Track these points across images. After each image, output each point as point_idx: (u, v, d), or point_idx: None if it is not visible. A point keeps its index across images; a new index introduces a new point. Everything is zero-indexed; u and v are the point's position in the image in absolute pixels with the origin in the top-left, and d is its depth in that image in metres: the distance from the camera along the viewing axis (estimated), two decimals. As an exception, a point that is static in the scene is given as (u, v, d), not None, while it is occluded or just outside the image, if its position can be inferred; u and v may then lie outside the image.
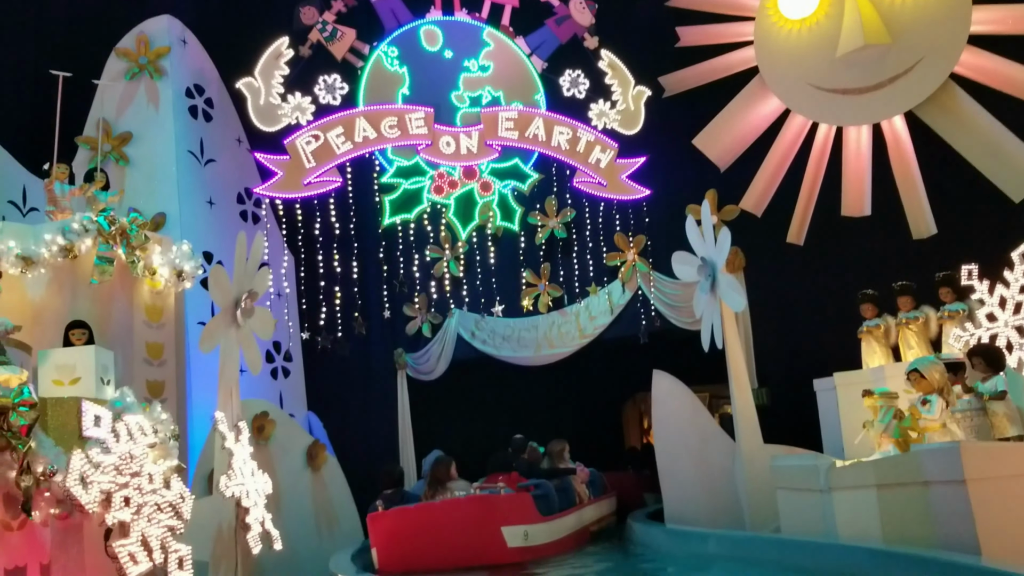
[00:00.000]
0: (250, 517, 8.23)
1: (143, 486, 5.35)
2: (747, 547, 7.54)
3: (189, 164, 12.19)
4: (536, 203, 13.36)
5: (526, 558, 8.65)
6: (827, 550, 6.44)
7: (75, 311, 9.20)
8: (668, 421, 10.37)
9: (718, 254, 9.45)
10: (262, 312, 9.25)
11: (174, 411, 9.96)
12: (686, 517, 9.73)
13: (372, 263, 12.72)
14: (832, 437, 10.25)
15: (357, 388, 13.97)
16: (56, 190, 9.97)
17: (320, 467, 11.37)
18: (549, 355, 13.26)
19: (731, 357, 9.54)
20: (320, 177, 10.75)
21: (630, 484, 14.07)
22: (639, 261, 12.61)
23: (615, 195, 12.25)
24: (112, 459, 5.18)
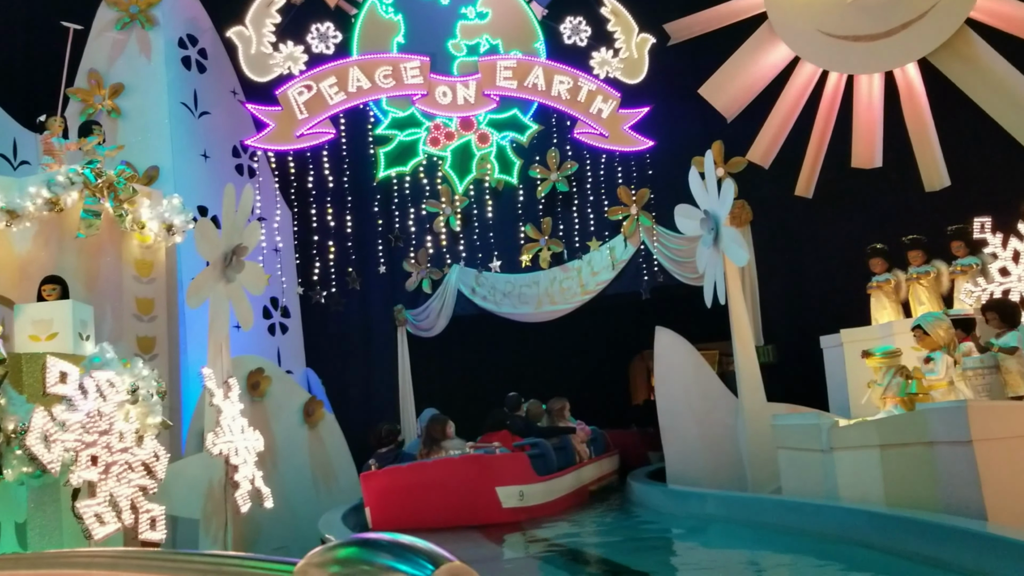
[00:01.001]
0: (239, 475, 8.08)
1: (112, 444, 5.16)
2: (746, 508, 7.34)
3: (182, 116, 11.92)
4: (535, 155, 13.03)
5: (521, 518, 8.49)
6: (827, 512, 6.23)
7: (61, 265, 9.01)
8: (670, 378, 10.18)
9: (721, 207, 9.14)
10: (252, 267, 9.03)
11: (166, 367, 9.82)
12: (688, 476, 9.57)
13: (367, 217, 12.47)
14: (838, 396, 10.02)
15: (357, 345, 13.82)
16: (54, 143, 9.71)
17: (317, 424, 11.26)
18: (550, 311, 13.03)
19: (734, 313, 9.28)
20: (313, 129, 10.45)
21: (634, 442, 13.92)
22: (642, 215, 12.31)
23: (617, 146, 11.89)
24: (79, 417, 4.98)
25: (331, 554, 0.77)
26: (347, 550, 0.77)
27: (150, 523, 5.24)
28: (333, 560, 0.76)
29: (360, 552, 0.75)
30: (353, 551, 0.76)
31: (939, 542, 4.93)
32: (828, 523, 6.06)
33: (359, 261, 12.62)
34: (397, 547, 0.75)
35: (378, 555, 0.74)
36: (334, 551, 0.77)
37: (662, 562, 6.19)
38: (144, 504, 5.27)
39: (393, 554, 0.74)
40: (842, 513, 6.06)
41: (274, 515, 10.03)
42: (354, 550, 0.76)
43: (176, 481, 8.94)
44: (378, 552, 0.75)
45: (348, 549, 0.77)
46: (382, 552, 0.75)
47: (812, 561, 5.65)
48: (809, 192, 11.73)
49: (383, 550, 0.75)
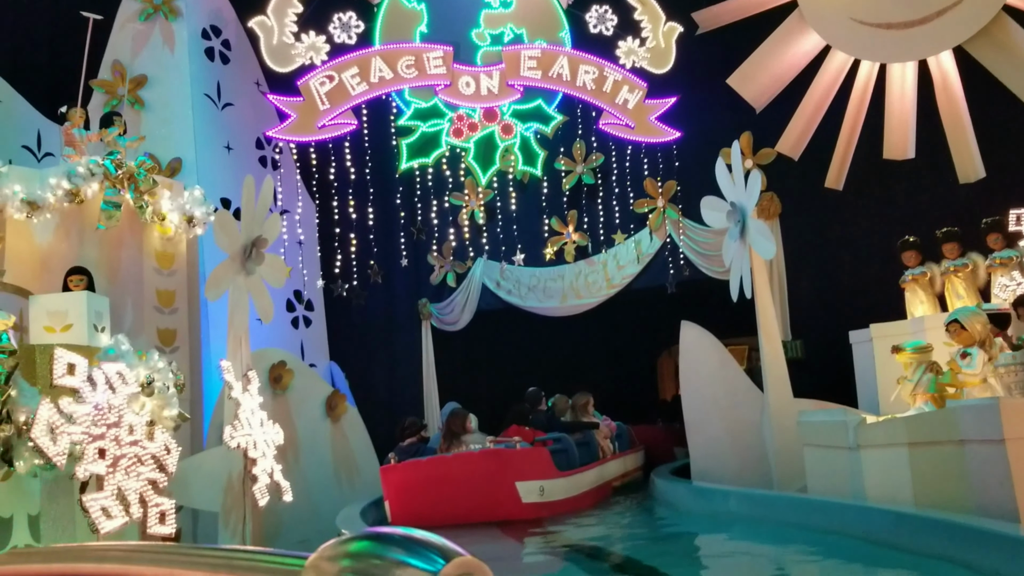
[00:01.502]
0: (257, 468, 8.03)
1: (121, 437, 5.10)
2: (769, 507, 7.15)
3: (206, 108, 11.91)
4: (560, 146, 12.85)
5: (542, 514, 8.36)
6: (852, 512, 6.03)
7: (82, 257, 9.02)
8: (695, 373, 10.03)
9: (748, 199, 8.95)
10: (273, 259, 8.96)
11: (187, 360, 9.81)
12: (713, 473, 9.40)
13: (389, 209, 12.37)
14: (868, 392, 9.79)
15: (381, 339, 13.77)
16: (75, 135, 9.72)
17: (339, 417, 11.21)
18: (576, 305, 12.89)
19: (760, 307, 9.08)
20: (335, 120, 10.35)
21: (660, 438, 13.76)
22: (669, 208, 12.11)
23: (643, 137, 11.67)
24: (86, 409, 4.92)
25: (343, 548, 0.77)
26: (359, 544, 0.76)
27: (159, 517, 5.18)
28: (344, 554, 0.75)
29: (372, 546, 0.75)
30: (365, 545, 0.75)
31: (969, 545, 4.73)
32: (854, 523, 5.87)
33: (381, 254, 12.53)
34: (409, 541, 0.75)
35: (390, 549, 0.74)
36: (346, 545, 0.77)
37: (684, 562, 6.02)
38: (153, 498, 5.21)
39: (405, 548, 0.74)
40: (868, 513, 5.86)
41: (296, 509, 9.98)
42: (366, 544, 0.76)
43: (195, 474, 8.93)
44: (390, 546, 0.74)
45: (360, 543, 0.76)
46: (394, 546, 0.75)
47: (836, 563, 5.47)
48: (840, 184, 11.46)
49: (395, 544, 0.75)
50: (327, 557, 0.75)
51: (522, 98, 11.89)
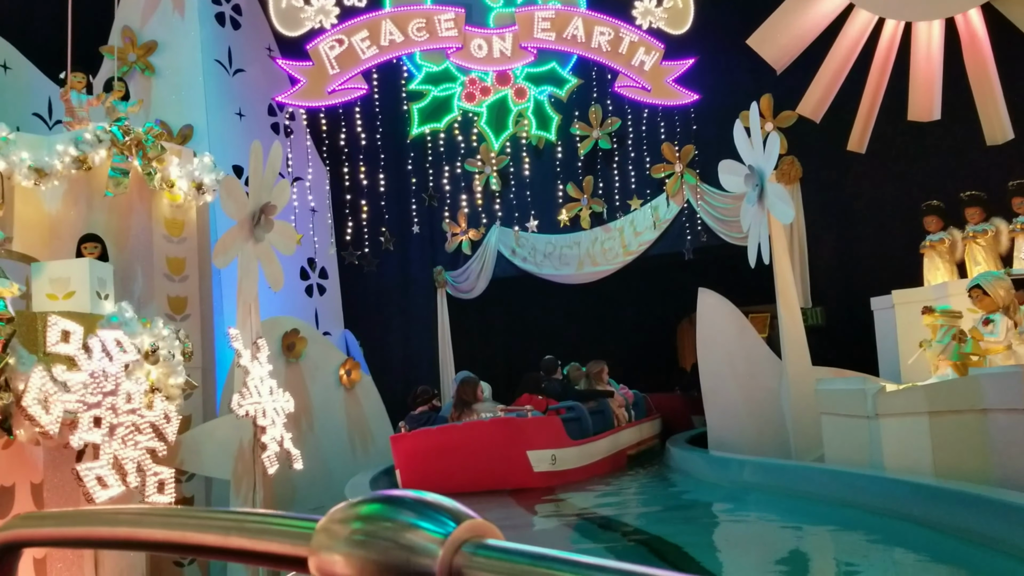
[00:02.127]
0: (266, 436, 7.97)
1: (118, 406, 5.01)
2: (785, 476, 7.00)
3: (217, 74, 11.77)
4: (574, 110, 12.59)
5: (553, 483, 8.27)
6: (870, 482, 5.86)
7: (91, 224, 8.93)
8: (713, 341, 9.88)
9: (766, 162, 8.73)
10: (283, 226, 8.87)
11: (198, 328, 9.74)
12: (730, 442, 9.27)
13: (401, 175, 12.19)
14: (889, 360, 9.58)
15: (396, 307, 13.68)
16: (73, 99, 9.61)
17: (353, 385, 11.17)
18: (592, 273, 12.71)
19: (779, 273, 8.89)
20: (345, 84, 10.15)
21: (678, 406, 13.64)
22: (687, 172, 11.87)
23: (660, 100, 11.38)
24: (82, 377, 4.83)
25: (354, 510, 0.77)
26: (370, 506, 0.76)
27: (158, 486, 5.10)
28: (355, 516, 0.76)
29: (383, 508, 0.74)
30: (376, 507, 0.75)
31: (991, 517, 4.56)
32: (872, 494, 5.71)
33: (394, 221, 12.38)
34: (420, 504, 0.75)
35: (401, 512, 0.74)
36: (357, 507, 0.77)
37: (695, 533, 5.89)
38: (151, 467, 5.13)
39: (415, 511, 0.74)
40: (887, 484, 5.70)
41: (310, 477, 9.99)
42: (377, 506, 0.75)
43: (207, 442, 8.91)
44: (401, 509, 0.74)
45: (371, 506, 0.76)
46: (405, 509, 0.74)
47: (852, 536, 5.32)
48: (862, 147, 11.15)
49: (406, 507, 0.75)
50: (338, 519, 0.77)
51: (536, 61, 11.57)
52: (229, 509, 1.05)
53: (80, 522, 1.12)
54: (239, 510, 1.07)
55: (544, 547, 0.64)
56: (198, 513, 0.96)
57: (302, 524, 0.81)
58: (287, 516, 0.87)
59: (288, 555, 0.80)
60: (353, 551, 0.71)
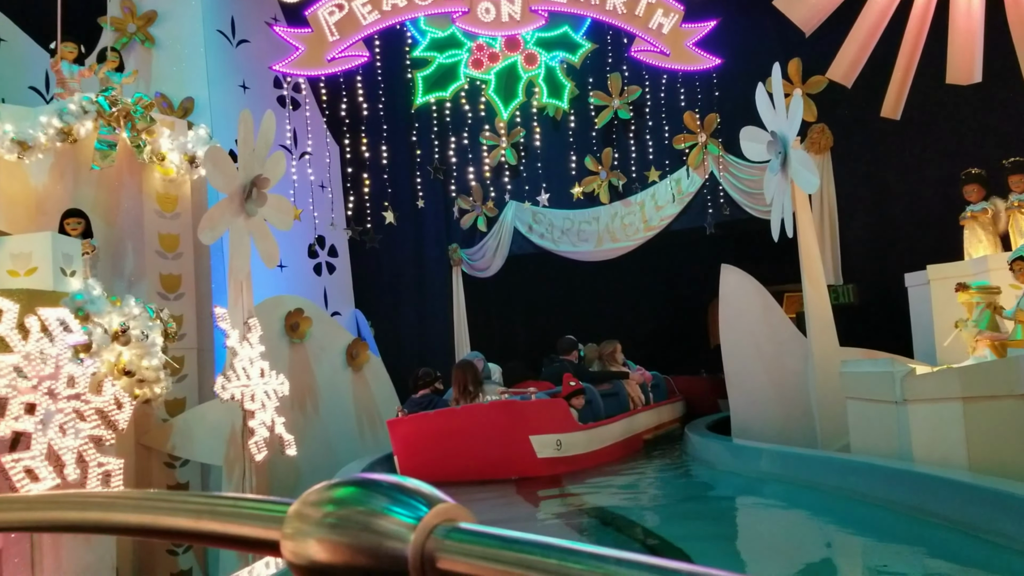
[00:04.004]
0: (254, 421, 7.57)
1: (58, 390, 4.58)
2: (803, 467, 6.39)
3: (219, 45, 11.34)
4: (588, 77, 11.92)
5: (559, 470, 7.75)
6: (900, 478, 5.23)
7: (78, 199, 8.58)
8: (736, 320, 9.31)
9: (790, 127, 8.10)
10: (278, 200, 8.44)
11: (192, 307, 9.38)
12: (754, 428, 8.71)
13: (405, 147, 11.66)
14: (924, 340, 8.93)
15: (410, 286, 13.24)
16: (64, 70, 9.22)
17: (361, 367, 10.76)
18: (611, 249, 12.15)
19: (803, 245, 8.27)
20: (345, 52, 9.66)
21: (703, 389, 13.05)
22: (710, 143, 11.23)
23: (680, 65, 10.72)
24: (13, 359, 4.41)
25: (327, 494, 0.71)
26: (345, 490, 0.69)
27: (103, 478, 4.67)
28: (329, 499, 0.70)
29: (358, 492, 0.68)
30: (351, 491, 0.69)
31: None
32: (901, 491, 5.09)
33: (397, 195, 11.87)
34: (394, 488, 0.68)
35: (375, 498, 0.68)
36: (332, 490, 0.71)
37: (702, 533, 5.31)
38: (95, 457, 4.69)
39: (389, 496, 0.68)
40: (918, 480, 5.07)
41: (315, 462, 9.61)
42: (352, 490, 0.69)
43: (199, 426, 8.56)
44: (375, 495, 0.68)
45: (346, 489, 0.69)
46: (380, 495, 0.68)
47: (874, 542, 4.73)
48: (897, 113, 10.40)
49: (381, 492, 0.68)
50: (311, 502, 0.71)
51: (547, 24, 10.92)
52: (201, 493, 1.03)
53: (49, 507, 1.12)
54: (211, 494, 0.96)
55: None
56: (169, 497, 0.94)
57: (274, 508, 0.79)
58: (260, 499, 0.84)
59: (260, 539, 0.80)
60: (325, 535, 0.69)
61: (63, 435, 4.50)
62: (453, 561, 0.66)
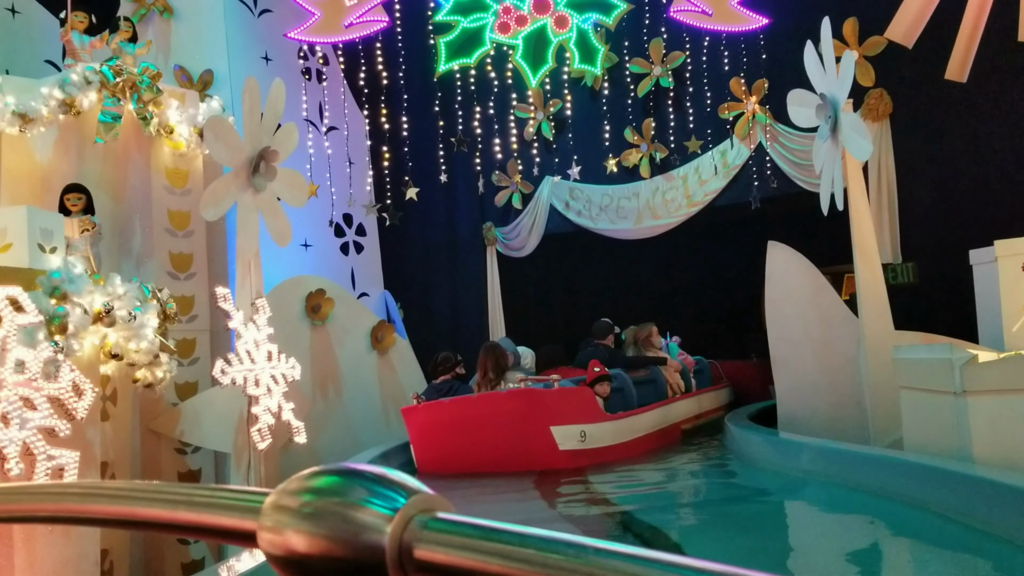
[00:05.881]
0: (258, 407, 7.12)
1: (3, 377, 4.13)
2: (848, 465, 5.69)
3: (240, 15, 10.91)
4: (623, 40, 11.12)
5: (583, 463, 7.17)
6: (959, 483, 4.50)
7: (83, 174, 8.21)
8: (783, 301, 8.68)
9: (840, 88, 7.36)
10: (289, 175, 7.97)
11: (205, 287, 8.99)
12: (802, 418, 8.06)
13: (425, 118, 11.06)
14: (991, 324, 8.10)
15: (442, 266, 12.72)
16: (75, 41, 8.85)
17: (387, 350, 10.31)
18: (652, 227, 11.46)
19: (855, 219, 7.54)
20: (363, 17, 9.12)
21: (752, 375, 12.32)
22: (759, 111, 10.45)
23: (723, 26, 9.92)
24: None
25: (308, 482, 0.72)
26: (325, 479, 0.71)
27: (52, 473, 4.22)
28: (307, 489, 0.71)
29: (338, 483, 0.70)
30: (331, 481, 0.70)
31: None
32: (957, 497, 4.40)
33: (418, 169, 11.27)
34: (372, 478, 0.70)
35: (353, 490, 0.69)
36: (312, 479, 0.72)
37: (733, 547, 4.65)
38: (45, 450, 4.24)
39: (367, 486, 0.69)
40: (975, 485, 4.38)
41: (339, 447, 9.24)
42: (333, 480, 0.70)
43: (207, 411, 8.17)
44: (352, 483, 0.70)
45: (327, 479, 0.71)
46: (359, 486, 0.69)
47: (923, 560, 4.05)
48: (963, 76, 9.47)
49: (361, 484, 0.70)
50: (290, 491, 0.73)
51: (579, -17, 10.28)
52: (179, 484, 1.08)
53: (24, 498, 1.12)
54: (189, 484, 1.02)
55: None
56: (146, 487, 0.93)
57: (252, 498, 0.78)
58: (237, 490, 0.83)
59: (237, 529, 0.79)
60: (301, 526, 0.69)
61: (5, 426, 4.06)
62: (430, 551, 0.65)
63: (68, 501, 1.01)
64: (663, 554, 0.58)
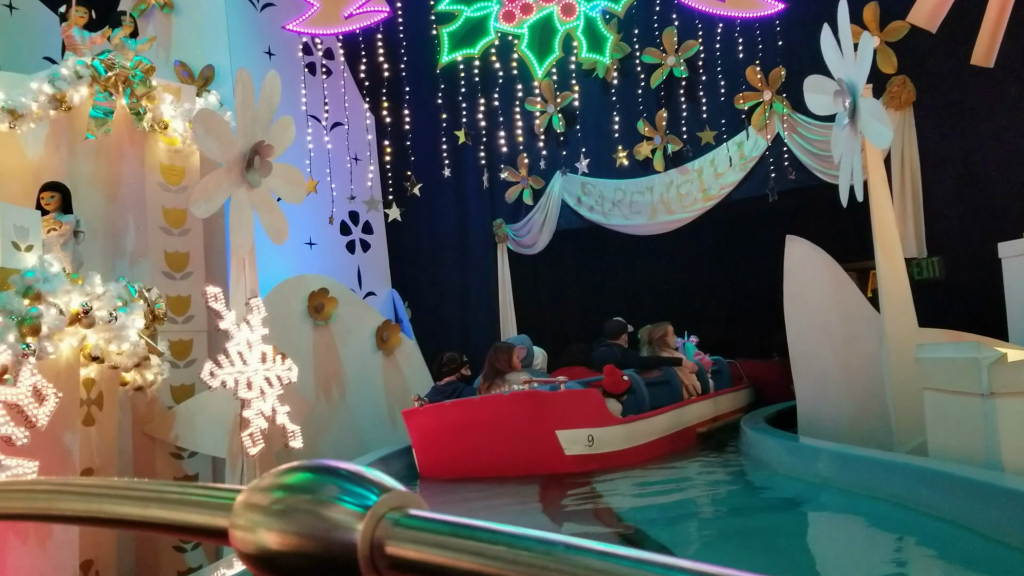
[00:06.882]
0: (250, 411, 6.85)
1: (-49, 381, 3.88)
2: (867, 472, 5.31)
3: (242, 9, 10.69)
4: (633, 28, 10.75)
5: (590, 468, 6.84)
6: (990, 494, 4.13)
7: (75, 171, 7.99)
8: (803, 299, 8.28)
9: (858, 73, 6.98)
10: (286, 170, 7.69)
11: (202, 287, 8.74)
12: (824, 420, 7.69)
13: (427, 111, 10.74)
14: (1021, 319, 7.74)
15: (451, 264, 12.43)
16: (76, 36, 8.64)
17: (393, 350, 10.03)
18: (666, 222, 11.11)
19: (876, 211, 7.17)
20: (363, 7, 8.83)
21: (775, 374, 11.92)
22: (776, 100, 10.07)
23: (737, 11, 9.53)
24: None
25: (279, 479, 0.71)
26: (299, 476, 0.70)
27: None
28: (279, 485, 0.70)
29: (311, 479, 0.69)
30: (304, 477, 0.70)
31: None
32: (984, 509, 4.03)
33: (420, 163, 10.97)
34: (345, 475, 0.69)
35: (324, 485, 0.68)
36: (285, 476, 0.71)
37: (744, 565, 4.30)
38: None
39: (339, 483, 0.68)
40: (1005, 496, 4.00)
41: (342, 449, 8.99)
42: (300, 477, 0.70)
43: (201, 415, 7.91)
44: (324, 482, 0.69)
45: (300, 475, 0.70)
46: (328, 480, 0.69)
47: None
48: (990, 61, 9.02)
49: (330, 478, 0.69)
50: (262, 487, 0.71)
51: (586, -30, 9.92)
52: (149, 480, 0.90)
53: None
54: (160, 481, 0.88)
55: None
56: (117, 484, 0.91)
57: (224, 494, 0.77)
58: (209, 487, 0.81)
59: (208, 526, 0.78)
60: (273, 523, 0.68)
61: (-49, 434, 3.80)
62: (402, 548, 0.65)
63: (37, 499, 1.00)
64: (635, 551, 0.57)
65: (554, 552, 0.59)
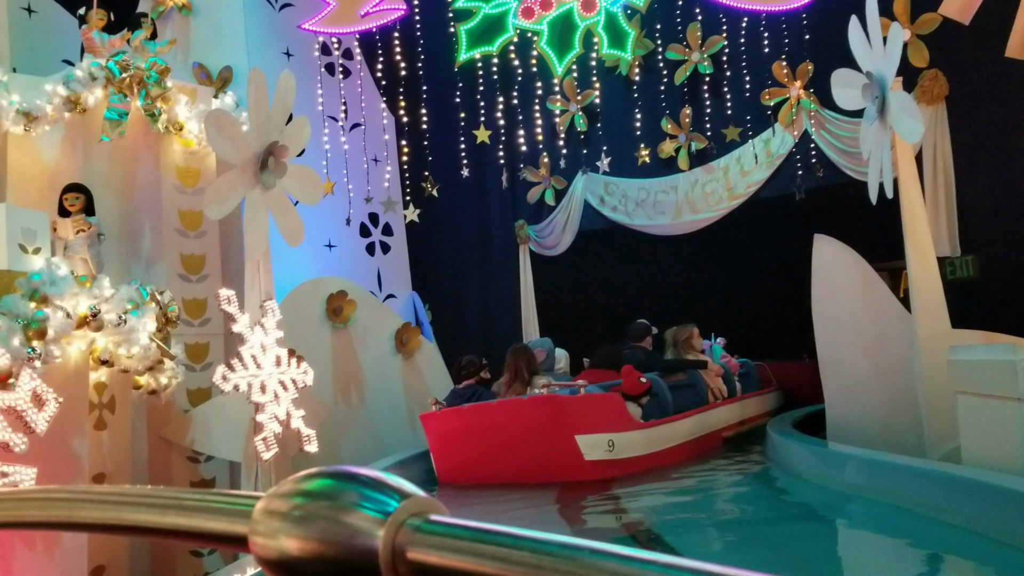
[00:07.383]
0: (263, 415, 6.74)
1: (-55, 386, 3.79)
2: (895, 480, 5.07)
3: (260, 9, 10.63)
4: (655, 23, 10.54)
5: (611, 474, 6.65)
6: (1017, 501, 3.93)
7: (90, 174, 7.94)
8: (831, 299, 8.05)
9: (888, 65, 6.75)
10: (301, 171, 7.59)
11: (218, 290, 8.67)
12: (853, 424, 7.46)
13: (445, 110, 10.59)
14: (1059, 320, 7.44)
15: (473, 266, 12.28)
16: (95, 39, 8.60)
17: (412, 353, 9.91)
18: (691, 222, 10.88)
19: (907, 208, 6.92)
20: (380, 5, 8.71)
21: (805, 377, 11.66)
22: (804, 96, 9.82)
23: (762, 5, 9.32)
24: None
25: (299, 485, 0.71)
26: (320, 482, 0.70)
27: None
28: (300, 491, 0.70)
29: (332, 486, 0.69)
30: (325, 484, 0.70)
31: None
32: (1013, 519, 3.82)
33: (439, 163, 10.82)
34: (365, 481, 0.69)
35: (346, 494, 0.68)
36: (306, 482, 0.71)
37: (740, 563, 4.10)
38: (-6, 466, 3.87)
39: (359, 489, 0.68)
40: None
41: (362, 454, 8.89)
42: (320, 483, 0.70)
43: (217, 418, 7.83)
44: (345, 486, 0.69)
45: (321, 481, 0.70)
46: (349, 486, 0.69)
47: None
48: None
49: (350, 484, 0.69)
50: (282, 494, 0.71)
51: (607, -36, 9.72)
52: (167, 488, 0.91)
53: (10, 504, 1.10)
54: (178, 489, 0.90)
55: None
56: (135, 492, 0.93)
57: (243, 501, 0.78)
58: (228, 493, 0.82)
59: (228, 533, 0.79)
60: (293, 529, 0.68)
61: (-54, 441, 3.71)
62: (424, 553, 0.65)
63: (55, 508, 0.99)
64: (657, 555, 0.57)
65: (578, 558, 0.59)
